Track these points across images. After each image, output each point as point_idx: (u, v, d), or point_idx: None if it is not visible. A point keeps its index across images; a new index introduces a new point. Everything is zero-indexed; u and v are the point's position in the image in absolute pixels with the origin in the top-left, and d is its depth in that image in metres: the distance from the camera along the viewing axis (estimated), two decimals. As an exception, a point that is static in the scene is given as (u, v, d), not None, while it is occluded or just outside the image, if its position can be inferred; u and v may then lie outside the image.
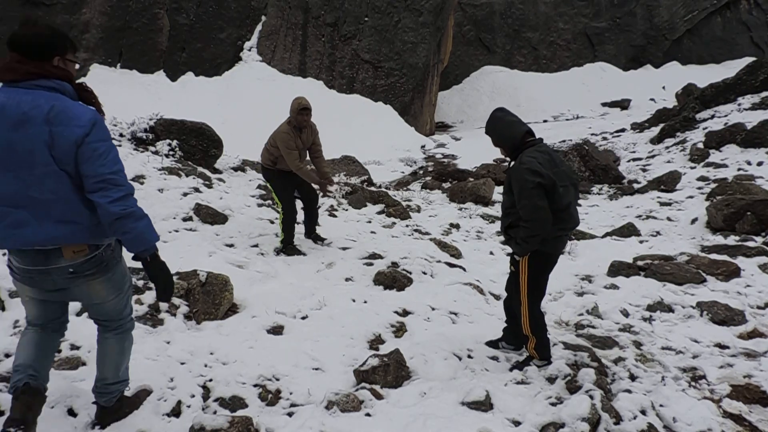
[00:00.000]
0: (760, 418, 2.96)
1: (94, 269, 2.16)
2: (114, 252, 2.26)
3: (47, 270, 2.09)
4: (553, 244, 3.13)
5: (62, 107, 1.98)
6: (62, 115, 1.97)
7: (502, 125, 3.17)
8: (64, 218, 2.03)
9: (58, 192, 2.00)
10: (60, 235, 2.03)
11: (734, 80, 13.55)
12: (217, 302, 3.82)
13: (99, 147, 2.01)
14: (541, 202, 2.90)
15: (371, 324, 3.84)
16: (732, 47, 30.33)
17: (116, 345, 2.45)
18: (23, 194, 1.98)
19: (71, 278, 2.14)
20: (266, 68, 21.11)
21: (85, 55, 18.82)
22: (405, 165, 16.45)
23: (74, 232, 2.06)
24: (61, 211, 2.02)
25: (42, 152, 1.95)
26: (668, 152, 11.69)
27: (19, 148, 1.94)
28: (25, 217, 2.00)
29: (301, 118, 5.00)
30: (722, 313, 4.19)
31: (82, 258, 2.11)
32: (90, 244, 2.13)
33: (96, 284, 2.21)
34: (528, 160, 2.97)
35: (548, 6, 30.25)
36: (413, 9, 22.13)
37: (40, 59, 2.00)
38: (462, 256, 6.08)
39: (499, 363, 3.49)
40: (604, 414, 2.75)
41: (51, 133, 1.95)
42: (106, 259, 2.20)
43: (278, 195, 5.21)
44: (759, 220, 6.20)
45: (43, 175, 1.97)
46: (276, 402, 2.92)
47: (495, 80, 28.39)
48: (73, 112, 2.00)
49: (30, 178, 1.97)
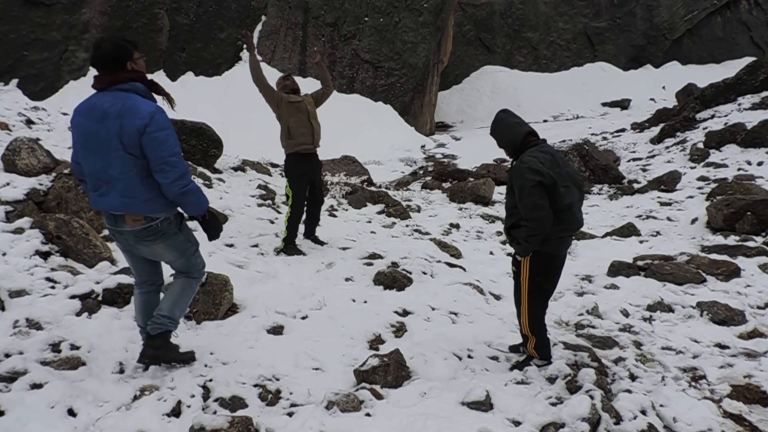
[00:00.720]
0: (760, 418, 2.96)
1: (152, 236, 2.72)
2: (171, 224, 2.78)
3: (119, 231, 2.72)
4: (555, 245, 3.11)
5: (130, 104, 2.52)
6: (129, 110, 2.50)
7: (504, 126, 3.18)
8: (125, 193, 2.58)
9: (124, 172, 2.55)
10: (121, 205, 2.61)
11: (734, 80, 13.54)
12: (217, 302, 3.82)
13: (159, 135, 2.53)
14: (541, 201, 2.90)
15: (371, 324, 3.84)
16: (732, 47, 30.32)
17: (179, 285, 2.99)
18: (104, 171, 2.57)
19: (136, 241, 2.73)
20: (266, 68, 21.04)
21: (85, 55, 18.81)
22: (405, 165, 16.45)
23: (131, 204, 2.61)
24: (124, 187, 2.57)
25: (114, 140, 2.51)
26: (668, 152, 11.69)
27: (101, 137, 2.52)
28: (105, 189, 2.60)
29: (288, 82, 5.14)
30: (722, 313, 4.19)
31: (139, 226, 2.67)
32: (146, 216, 2.66)
33: (158, 248, 2.79)
34: (529, 159, 2.98)
35: (548, 6, 30.24)
36: (413, 9, 22.12)
37: (115, 70, 2.57)
38: (462, 256, 6.08)
39: (499, 363, 3.49)
40: (604, 414, 2.75)
41: (121, 125, 2.49)
42: (162, 229, 2.73)
43: (291, 186, 5.14)
44: (759, 220, 6.20)
45: (115, 157, 2.53)
46: (276, 402, 2.92)
47: (495, 80, 28.38)
48: (137, 107, 2.52)
49: (108, 160, 2.54)
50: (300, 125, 5.00)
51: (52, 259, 3.88)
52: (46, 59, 18.10)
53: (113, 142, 2.51)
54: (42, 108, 8.01)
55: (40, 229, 4.01)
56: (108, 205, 2.63)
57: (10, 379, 2.71)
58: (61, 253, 3.99)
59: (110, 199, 2.60)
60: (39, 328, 3.15)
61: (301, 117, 5.01)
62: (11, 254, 3.73)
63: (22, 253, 3.77)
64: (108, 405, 2.74)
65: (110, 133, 2.50)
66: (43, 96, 16.95)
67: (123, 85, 2.56)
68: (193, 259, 2.95)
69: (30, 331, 3.09)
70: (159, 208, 2.67)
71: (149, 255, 2.86)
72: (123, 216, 2.65)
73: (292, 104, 5.00)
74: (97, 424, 2.59)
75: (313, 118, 5.09)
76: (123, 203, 2.60)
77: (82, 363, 3.00)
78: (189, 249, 2.91)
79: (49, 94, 17.56)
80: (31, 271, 3.66)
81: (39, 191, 4.51)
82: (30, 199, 4.41)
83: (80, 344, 3.11)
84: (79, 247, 4.06)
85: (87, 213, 4.57)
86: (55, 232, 4.03)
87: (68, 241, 4.03)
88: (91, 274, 3.87)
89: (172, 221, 2.78)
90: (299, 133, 5.00)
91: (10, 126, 6.03)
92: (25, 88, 14.81)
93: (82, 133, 2.58)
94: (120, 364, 3.10)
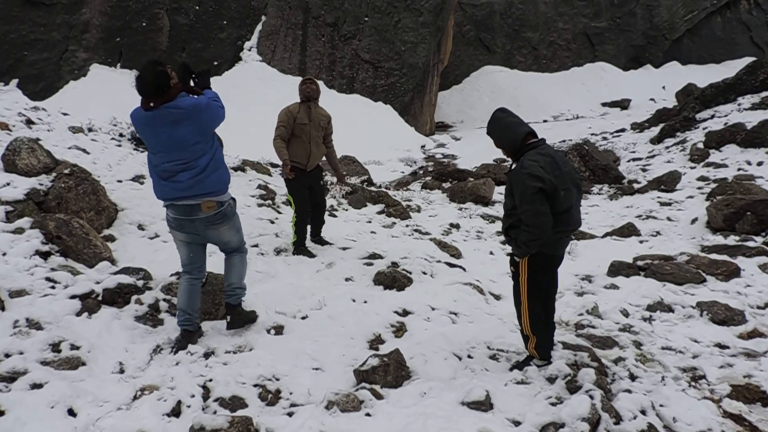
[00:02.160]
0: (760, 418, 2.96)
1: (221, 220, 3.23)
2: (232, 207, 3.31)
3: (191, 219, 3.17)
4: (552, 245, 3.11)
5: (181, 105, 3.02)
6: (183, 112, 3.03)
7: (502, 126, 3.13)
8: (197, 176, 3.08)
9: (197, 167, 3.09)
10: (198, 194, 3.09)
11: (734, 80, 13.54)
12: (217, 302, 3.82)
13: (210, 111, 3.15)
14: (543, 207, 2.86)
15: (371, 324, 3.84)
16: (732, 47, 30.33)
17: (239, 260, 3.54)
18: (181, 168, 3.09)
19: (206, 226, 3.21)
20: (266, 68, 21.11)
21: (85, 55, 18.82)
22: (405, 165, 16.45)
23: (207, 194, 3.11)
24: (198, 180, 3.08)
25: (189, 136, 3.05)
26: (668, 152, 11.69)
27: (176, 138, 3.02)
28: (181, 176, 3.09)
29: (305, 87, 5.10)
30: (722, 313, 4.19)
31: (212, 212, 3.16)
32: (217, 202, 3.17)
33: (224, 229, 3.30)
34: (529, 164, 2.92)
35: (548, 6, 30.24)
36: (413, 9, 22.13)
37: (161, 94, 2.97)
38: (462, 256, 6.08)
39: (499, 363, 3.49)
40: (604, 414, 2.75)
41: (190, 123, 3.03)
42: (228, 212, 3.26)
43: (291, 193, 5.21)
44: (759, 220, 6.20)
45: (191, 152, 3.07)
46: (276, 402, 2.92)
47: (495, 80, 28.39)
48: (184, 105, 3.02)
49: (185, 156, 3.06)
50: (298, 146, 5.09)
51: (52, 259, 3.88)
52: (46, 59, 18.10)
53: (189, 139, 3.04)
54: (42, 108, 8.01)
55: (40, 229, 4.01)
56: (185, 194, 3.09)
57: (10, 379, 2.72)
58: (61, 253, 3.99)
59: (187, 191, 3.08)
60: (39, 328, 3.16)
61: (303, 139, 5.09)
62: (11, 254, 3.73)
63: (22, 253, 3.77)
64: (108, 405, 2.75)
65: (184, 132, 3.02)
66: (43, 96, 16.94)
67: (169, 103, 2.99)
68: (242, 232, 3.54)
69: (30, 331, 3.09)
70: (226, 193, 3.26)
71: (214, 237, 3.35)
72: (199, 205, 3.12)
73: (299, 125, 5.08)
74: (97, 424, 2.59)
75: (313, 143, 5.14)
76: (200, 193, 3.10)
77: (82, 363, 3.01)
78: (239, 224, 3.49)
79: (49, 94, 17.55)
80: (31, 271, 3.67)
81: (39, 191, 4.51)
82: (30, 199, 4.41)
83: (80, 344, 3.11)
84: (79, 247, 4.06)
85: (87, 213, 4.57)
86: (55, 232, 4.03)
87: (68, 241, 4.03)
88: (91, 274, 3.87)
89: (232, 205, 3.34)
90: (295, 153, 5.09)
91: (10, 126, 6.03)
92: (25, 88, 14.79)
93: (153, 136, 3.04)
94: (120, 364, 3.11)
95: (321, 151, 5.28)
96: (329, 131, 5.38)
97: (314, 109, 5.16)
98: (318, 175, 5.38)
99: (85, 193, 4.63)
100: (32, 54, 17.88)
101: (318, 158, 5.27)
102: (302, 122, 5.06)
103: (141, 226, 4.98)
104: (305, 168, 5.15)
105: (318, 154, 5.23)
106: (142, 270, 4.01)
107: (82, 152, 5.98)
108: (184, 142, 3.03)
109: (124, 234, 4.78)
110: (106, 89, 17.69)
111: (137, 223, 4.98)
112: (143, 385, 2.93)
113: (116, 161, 6.11)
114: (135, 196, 5.37)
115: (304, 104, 5.12)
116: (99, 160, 5.96)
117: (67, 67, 18.49)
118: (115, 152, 6.47)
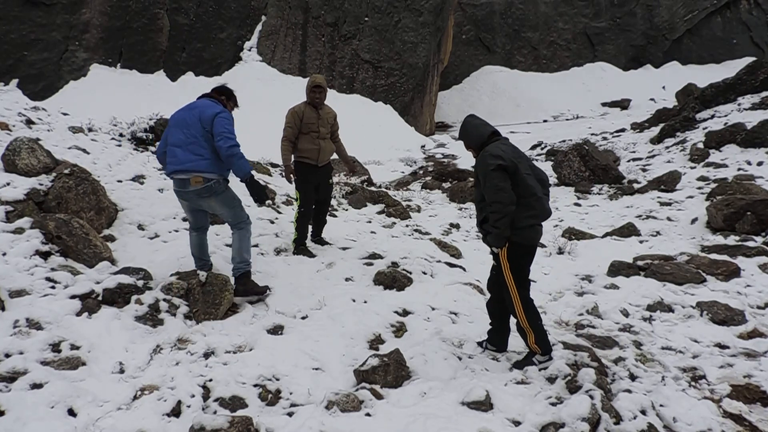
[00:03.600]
0: (760, 418, 2.96)
1: (207, 193, 3.84)
2: (220, 185, 3.88)
3: (185, 191, 3.87)
4: (527, 235, 3.21)
5: (210, 104, 3.96)
6: (209, 107, 3.90)
7: (471, 128, 3.44)
8: (194, 151, 3.82)
9: (197, 149, 3.81)
10: (189, 169, 3.79)
11: (734, 80, 13.54)
12: (217, 302, 3.82)
13: (223, 119, 3.83)
14: (503, 183, 3.07)
15: (371, 324, 3.84)
16: (732, 47, 30.35)
17: (236, 236, 4.02)
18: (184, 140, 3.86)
19: (198, 197, 3.88)
20: (266, 68, 21.13)
21: (85, 55, 18.83)
22: (405, 165, 16.46)
23: (196, 169, 3.79)
24: (194, 149, 3.82)
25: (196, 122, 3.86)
26: (668, 152, 11.69)
27: (188, 121, 3.87)
28: (180, 151, 3.85)
29: (314, 96, 5.11)
30: (722, 313, 4.19)
31: (199, 186, 3.80)
32: (204, 178, 3.79)
33: (212, 202, 3.91)
34: (491, 147, 3.25)
35: (548, 6, 30.26)
36: (413, 9, 22.13)
37: (218, 97, 4.12)
38: (462, 256, 6.08)
39: (499, 363, 3.49)
40: (604, 414, 2.75)
41: (201, 112, 3.86)
42: (215, 188, 3.85)
43: (298, 187, 5.23)
44: (759, 220, 6.20)
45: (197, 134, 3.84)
46: (276, 402, 2.92)
47: (495, 80, 28.40)
48: (214, 105, 3.94)
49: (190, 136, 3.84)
50: (308, 143, 5.13)
51: (52, 259, 3.88)
52: (46, 59, 18.10)
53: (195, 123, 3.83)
54: (42, 108, 8.01)
55: (40, 229, 4.01)
56: (181, 167, 3.78)
57: (10, 379, 2.72)
58: (61, 253, 3.99)
59: (182, 167, 3.77)
60: (39, 328, 3.15)
61: (312, 136, 5.13)
62: (11, 254, 3.73)
63: (22, 253, 3.77)
64: (108, 405, 2.75)
65: (194, 117, 3.85)
66: (43, 96, 16.95)
67: (212, 100, 4.03)
68: (238, 211, 4.00)
69: (30, 331, 3.09)
70: (215, 171, 3.82)
71: (207, 208, 4.01)
72: (189, 180, 3.77)
73: (306, 124, 5.11)
74: (97, 424, 2.59)
75: (322, 139, 5.17)
76: (190, 168, 3.76)
77: (82, 363, 3.00)
78: (233, 202, 3.98)
79: (49, 94, 17.56)
80: (31, 271, 3.66)
81: (39, 191, 4.51)
82: (30, 199, 4.41)
83: (80, 344, 3.11)
84: (79, 247, 4.06)
85: (87, 213, 4.57)
86: (55, 232, 4.03)
87: (68, 241, 4.03)
88: (91, 274, 3.87)
89: (221, 182, 3.88)
90: (305, 150, 5.13)
91: (10, 126, 6.03)
92: (25, 88, 14.81)
93: (174, 119, 3.94)
94: (120, 364, 3.10)
95: (330, 146, 5.33)
96: (336, 127, 5.45)
97: (321, 107, 5.21)
98: (327, 174, 5.40)
99: (85, 193, 4.63)
100: (32, 54, 17.89)
101: (328, 153, 5.31)
102: (310, 120, 5.11)
103: (141, 226, 4.98)
104: (317, 163, 5.19)
105: (328, 149, 5.28)
106: (142, 270, 4.01)
107: (82, 152, 5.98)
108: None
109: (124, 234, 4.78)
110: (106, 89, 17.70)
111: (137, 223, 4.98)
112: (143, 385, 2.93)
113: (116, 161, 6.11)
114: (135, 196, 5.37)
115: (310, 106, 5.16)
116: (99, 160, 5.96)
117: (67, 67, 18.50)
118: (115, 152, 6.47)
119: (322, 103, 5.19)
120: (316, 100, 5.12)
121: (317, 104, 5.14)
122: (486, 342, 3.66)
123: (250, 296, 4.06)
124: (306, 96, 5.17)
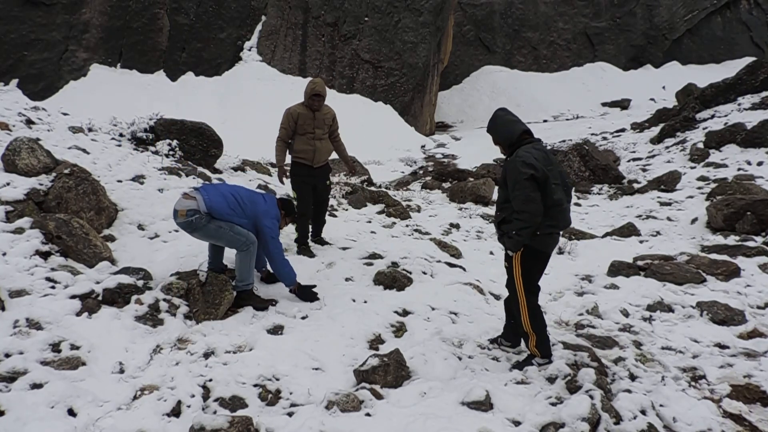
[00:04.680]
0: (760, 418, 2.96)
1: (190, 229, 3.90)
2: (201, 220, 3.86)
3: (178, 222, 3.94)
4: (544, 241, 3.19)
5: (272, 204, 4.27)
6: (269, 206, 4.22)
7: (501, 123, 3.33)
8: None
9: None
10: (179, 208, 3.86)
11: (734, 80, 13.54)
12: (217, 302, 3.82)
13: (270, 217, 4.12)
14: (533, 194, 3.01)
15: (371, 324, 3.84)
16: (732, 47, 30.34)
17: (237, 258, 4.03)
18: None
19: (189, 229, 3.92)
20: (266, 68, 21.11)
21: (85, 55, 18.83)
22: (405, 165, 16.45)
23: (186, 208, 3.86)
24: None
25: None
26: (668, 152, 11.69)
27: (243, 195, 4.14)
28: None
29: (312, 101, 5.10)
30: (722, 313, 4.19)
31: (182, 220, 3.85)
32: (186, 212, 3.83)
33: (198, 234, 3.95)
34: (523, 153, 3.12)
35: (548, 6, 30.25)
36: (413, 9, 22.13)
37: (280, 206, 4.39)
38: (462, 256, 6.08)
39: (499, 363, 3.49)
40: (604, 414, 2.75)
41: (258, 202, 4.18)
42: (195, 223, 3.85)
43: (294, 187, 5.24)
44: (759, 220, 6.20)
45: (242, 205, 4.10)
46: (276, 402, 2.92)
47: (495, 80, 28.40)
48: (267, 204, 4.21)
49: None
50: (303, 143, 5.13)
51: (52, 259, 3.88)
52: (46, 59, 18.10)
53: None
54: (42, 108, 8.01)
55: (40, 229, 4.01)
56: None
57: (10, 379, 2.72)
58: (61, 253, 3.99)
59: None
60: (39, 328, 3.15)
61: (307, 136, 5.12)
62: (11, 254, 3.73)
63: (22, 253, 3.77)
64: (108, 405, 2.75)
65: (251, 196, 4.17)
66: (43, 96, 16.95)
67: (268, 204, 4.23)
68: (230, 237, 3.96)
69: (30, 331, 3.09)
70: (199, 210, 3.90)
71: (198, 238, 4.09)
72: (178, 211, 3.85)
73: (301, 125, 5.11)
74: (97, 424, 2.59)
75: (318, 140, 5.16)
76: (181, 207, 3.92)
77: (82, 363, 3.00)
78: (220, 233, 3.93)
79: (49, 94, 17.56)
80: (31, 271, 3.67)
81: (39, 191, 4.51)
82: (30, 199, 4.41)
83: (80, 344, 3.11)
84: (79, 247, 4.06)
85: (87, 213, 4.57)
86: (55, 232, 4.03)
87: (68, 241, 4.03)
88: (91, 274, 3.87)
89: (202, 218, 3.87)
90: (300, 150, 5.14)
91: (10, 126, 6.03)
92: (25, 88, 14.82)
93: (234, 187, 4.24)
94: (120, 364, 3.10)
95: (327, 147, 5.31)
96: (335, 127, 5.42)
97: (319, 112, 5.18)
98: (325, 175, 5.39)
99: (85, 193, 4.63)
100: (32, 54, 17.89)
101: (325, 154, 5.29)
102: (305, 122, 5.10)
103: (141, 226, 4.98)
104: (311, 164, 5.18)
105: (324, 150, 5.26)
106: (142, 270, 4.01)
107: (82, 152, 5.98)
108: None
109: (124, 234, 4.78)
110: (106, 89, 17.70)
111: (137, 223, 4.98)
112: (143, 385, 2.93)
113: (116, 161, 6.10)
114: (135, 196, 5.37)
115: (308, 108, 5.14)
116: (99, 160, 5.96)
117: (67, 67, 18.50)
118: (115, 152, 6.47)
119: (319, 109, 5.17)
120: (314, 107, 5.11)
121: (314, 110, 5.13)
122: (500, 338, 3.68)
123: (245, 307, 4.03)
124: (304, 98, 5.16)
